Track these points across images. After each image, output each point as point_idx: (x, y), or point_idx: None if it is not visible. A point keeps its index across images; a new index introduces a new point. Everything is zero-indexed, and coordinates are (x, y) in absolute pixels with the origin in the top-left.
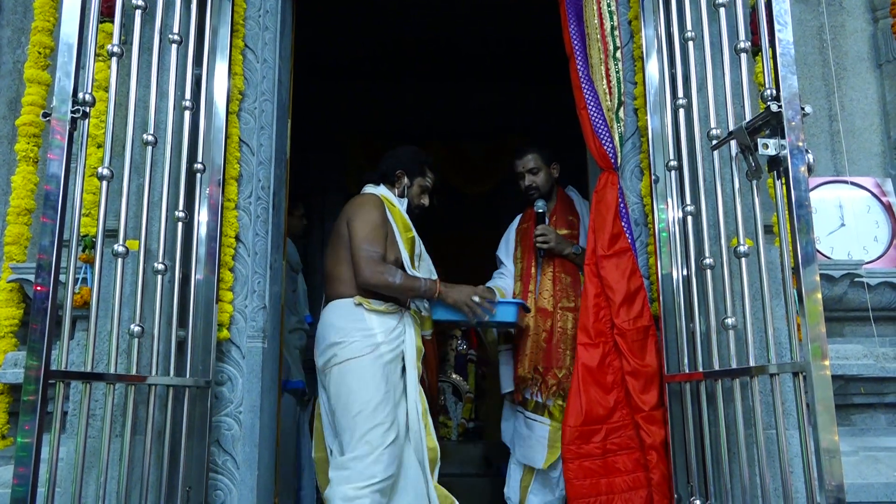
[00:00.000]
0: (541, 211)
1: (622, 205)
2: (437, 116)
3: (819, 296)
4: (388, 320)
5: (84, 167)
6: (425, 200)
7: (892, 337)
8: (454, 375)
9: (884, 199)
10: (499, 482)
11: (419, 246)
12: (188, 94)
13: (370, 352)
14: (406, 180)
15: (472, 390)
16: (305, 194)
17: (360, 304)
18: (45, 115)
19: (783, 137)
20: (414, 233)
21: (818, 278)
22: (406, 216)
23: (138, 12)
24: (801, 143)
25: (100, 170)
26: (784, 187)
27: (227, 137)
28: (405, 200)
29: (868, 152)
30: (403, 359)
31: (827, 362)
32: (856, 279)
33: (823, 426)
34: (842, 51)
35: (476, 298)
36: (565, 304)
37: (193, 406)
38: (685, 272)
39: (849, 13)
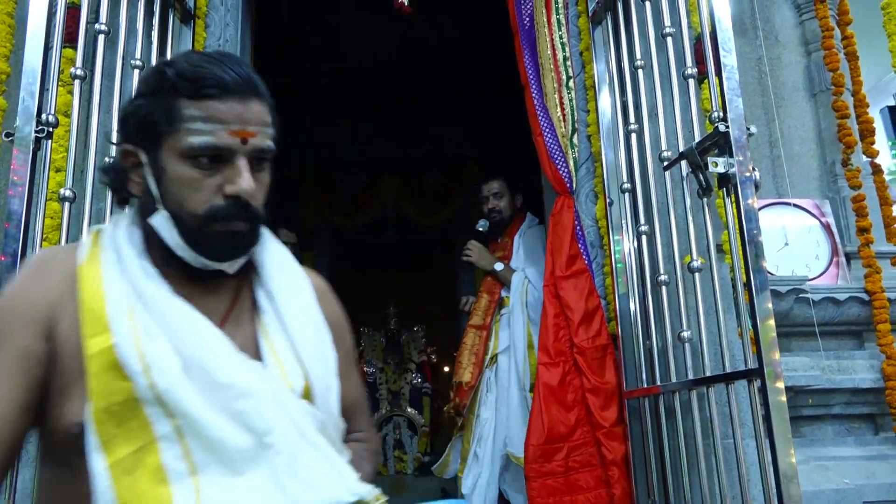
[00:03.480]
0: (479, 229)
1: (578, 227)
2: (393, 148)
3: (772, 322)
4: None
5: (46, 192)
6: None
7: (835, 350)
8: (409, 409)
9: (823, 219)
10: None
11: None
12: None
13: None
14: None
15: (428, 424)
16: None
17: None
18: (8, 135)
19: (731, 155)
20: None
21: (770, 305)
22: None
23: (101, 38)
24: (750, 165)
25: (62, 191)
26: (734, 203)
27: None
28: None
29: (807, 176)
30: None
31: (781, 384)
32: (801, 295)
33: (782, 446)
34: (779, 81)
35: None
36: (476, 321)
37: None
38: (641, 291)
39: (784, 46)
